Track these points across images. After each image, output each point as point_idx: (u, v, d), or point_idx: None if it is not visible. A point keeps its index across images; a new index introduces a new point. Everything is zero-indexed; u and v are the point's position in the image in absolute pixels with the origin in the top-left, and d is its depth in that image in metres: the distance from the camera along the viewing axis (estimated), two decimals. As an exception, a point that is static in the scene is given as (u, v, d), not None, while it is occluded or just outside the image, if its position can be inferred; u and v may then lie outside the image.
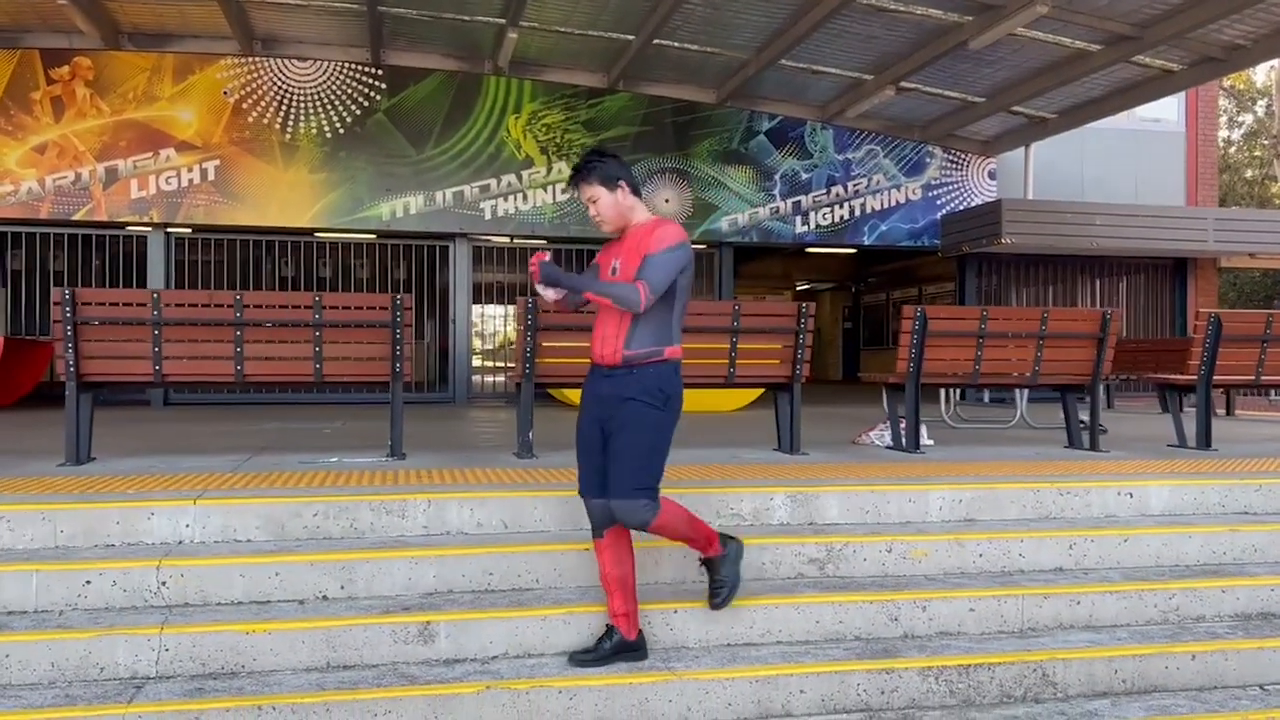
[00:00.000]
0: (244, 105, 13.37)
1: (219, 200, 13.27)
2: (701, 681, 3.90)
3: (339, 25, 12.84)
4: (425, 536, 4.63)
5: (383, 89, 13.72)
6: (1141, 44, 10.76)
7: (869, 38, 11.91)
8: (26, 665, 3.69)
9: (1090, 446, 6.84)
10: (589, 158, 3.83)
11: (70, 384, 5.62)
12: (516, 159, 14.02)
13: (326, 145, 13.55)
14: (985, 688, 4.10)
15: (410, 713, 3.66)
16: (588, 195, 3.83)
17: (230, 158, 13.32)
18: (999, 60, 12.15)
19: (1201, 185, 15.83)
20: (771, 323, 6.37)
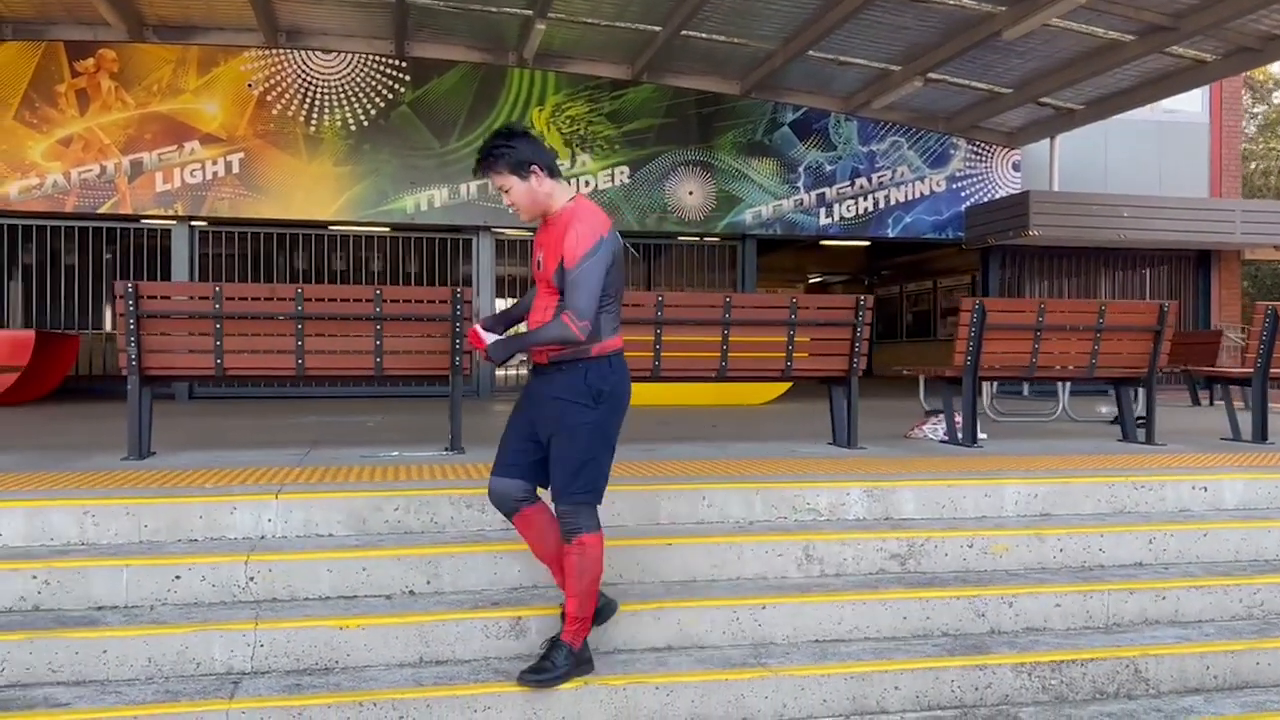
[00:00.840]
0: (268, 98, 13.30)
1: (244, 193, 13.22)
2: (797, 678, 3.87)
3: (364, 16, 12.78)
4: (505, 531, 4.59)
5: (407, 81, 13.66)
6: (1177, 34, 10.72)
7: (899, 28, 11.85)
8: (124, 661, 3.66)
9: (1146, 440, 6.81)
10: (496, 142, 3.46)
11: (133, 378, 5.58)
12: (541, 151, 13.91)
13: (350, 138, 13.49)
14: (1078, 684, 4.08)
15: (510, 708, 3.64)
16: (498, 184, 3.50)
17: (255, 150, 13.26)
18: (1029, 51, 12.10)
19: (1226, 177, 15.78)
20: (829, 315, 6.33)
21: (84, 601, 3.94)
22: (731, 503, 4.83)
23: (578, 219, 3.42)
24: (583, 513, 3.52)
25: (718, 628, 4.13)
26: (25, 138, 12.55)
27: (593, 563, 3.55)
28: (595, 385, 3.47)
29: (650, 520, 4.75)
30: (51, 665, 3.62)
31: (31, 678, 3.60)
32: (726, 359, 6.21)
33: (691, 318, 6.16)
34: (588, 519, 3.53)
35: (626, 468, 5.31)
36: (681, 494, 4.80)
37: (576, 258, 3.34)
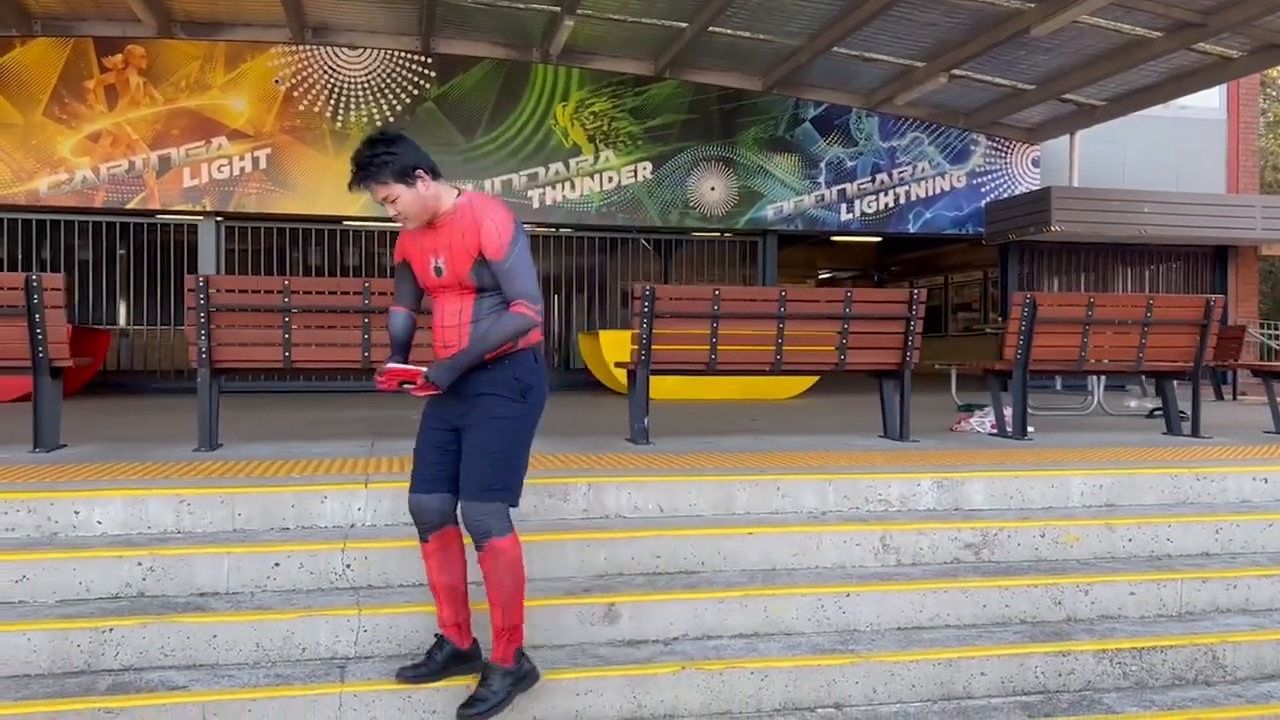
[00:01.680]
0: (295, 94, 13.37)
1: (270, 189, 13.29)
2: (886, 663, 3.95)
3: (391, 13, 12.84)
4: (585, 520, 4.68)
5: (432, 77, 13.72)
6: (1205, 31, 10.80)
7: (927, 24, 11.93)
8: (233, 645, 3.73)
9: (1193, 433, 6.90)
10: (376, 151, 3.21)
11: (203, 370, 5.65)
12: (564, 147, 14.02)
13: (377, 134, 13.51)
14: (1157, 670, 4.16)
15: (610, 692, 3.72)
16: (382, 195, 3.25)
17: (281, 146, 13.32)
18: (1055, 47, 12.18)
19: (1243, 173, 15.88)
20: (883, 309, 6.41)
21: (187, 588, 4.01)
22: (805, 493, 4.91)
23: (485, 211, 3.28)
24: (495, 514, 3.32)
25: (803, 615, 4.21)
26: (55, 133, 12.60)
27: (510, 567, 3.36)
28: (524, 380, 3.34)
29: (726, 510, 4.83)
30: (164, 649, 3.69)
31: (145, 661, 3.68)
32: (781, 352, 6.29)
33: (748, 311, 6.24)
34: (499, 521, 3.33)
35: (695, 460, 5.38)
36: (756, 485, 4.88)
37: (504, 246, 3.24)
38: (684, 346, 6.24)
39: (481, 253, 3.25)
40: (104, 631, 3.65)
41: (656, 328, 6.13)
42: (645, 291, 6.07)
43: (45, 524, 4.23)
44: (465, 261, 3.28)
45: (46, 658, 3.61)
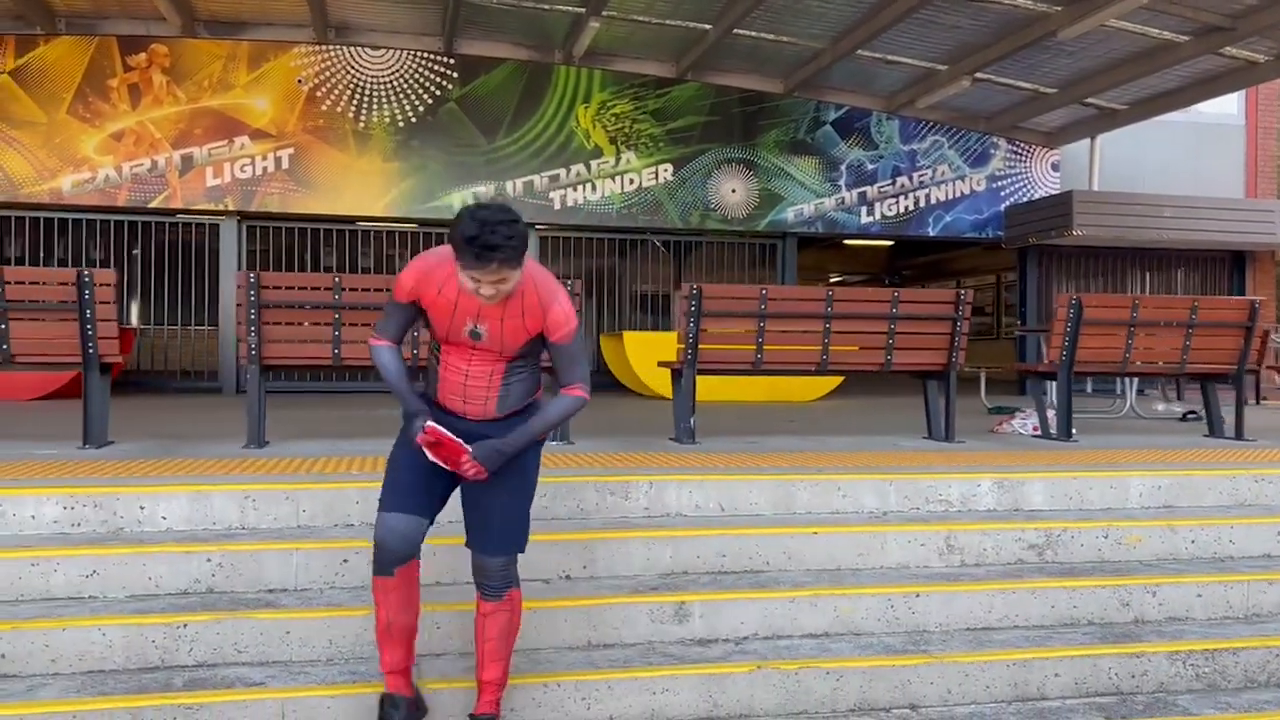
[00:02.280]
0: (317, 94, 13.34)
1: (293, 188, 13.26)
2: (960, 664, 3.93)
3: (415, 13, 12.82)
4: (647, 518, 4.66)
5: (454, 78, 13.70)
6: (1233, 35, 10.79)
7: (952, 27, 11.91)
8: (306, 642, 3.72)
9: (1236, 435, 6.88)
10: (512, 233, 2.84)
11: (253, 367, 5.63)
12: (586, 149, 14.01)
13: (399, 134, 13.53)
14: (1229, 672, 4.14)
15: (686, 690, 3.70)
16: (499, 277, 2.90)
17: (304, 146, 13.30)
18: (1080, 51, 12.16)
19: (1262, 178, 15.86)
20: (930, 309, 6.39)
21: (255, 584, 3.99)
22: (865, 493, 4.89)
23: (551, 293, 3.10)
24: (515, 564, 3.30)
25: (873, 615, 4.19)
26: (78, 132, 12.59)
27: (520, 620, 3.36)
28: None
29: (787, 510, 4.81)
30: (238, 645, 3.67)
31: (219, 658, 3.65)
32: (828, 352, 6.27)
33: (795, 311, 6.22)
34: (516, 571, 3.31)
35: (748, 459, 5.36)
36: (816, 484, 4.86)
37: (571, 332, 3.12)
38: (730, 346, 6.22)
39: (544, 334, 3.12)
40: (179, 627, 3.63)
41: (703, 326, 6.11)
42: (692, 291, 6.05)
43: (111, 519, 4.20)
44: (520, 337, 3.11)
45: (121, 653, 3.59)
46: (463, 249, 2.85)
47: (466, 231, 2.82)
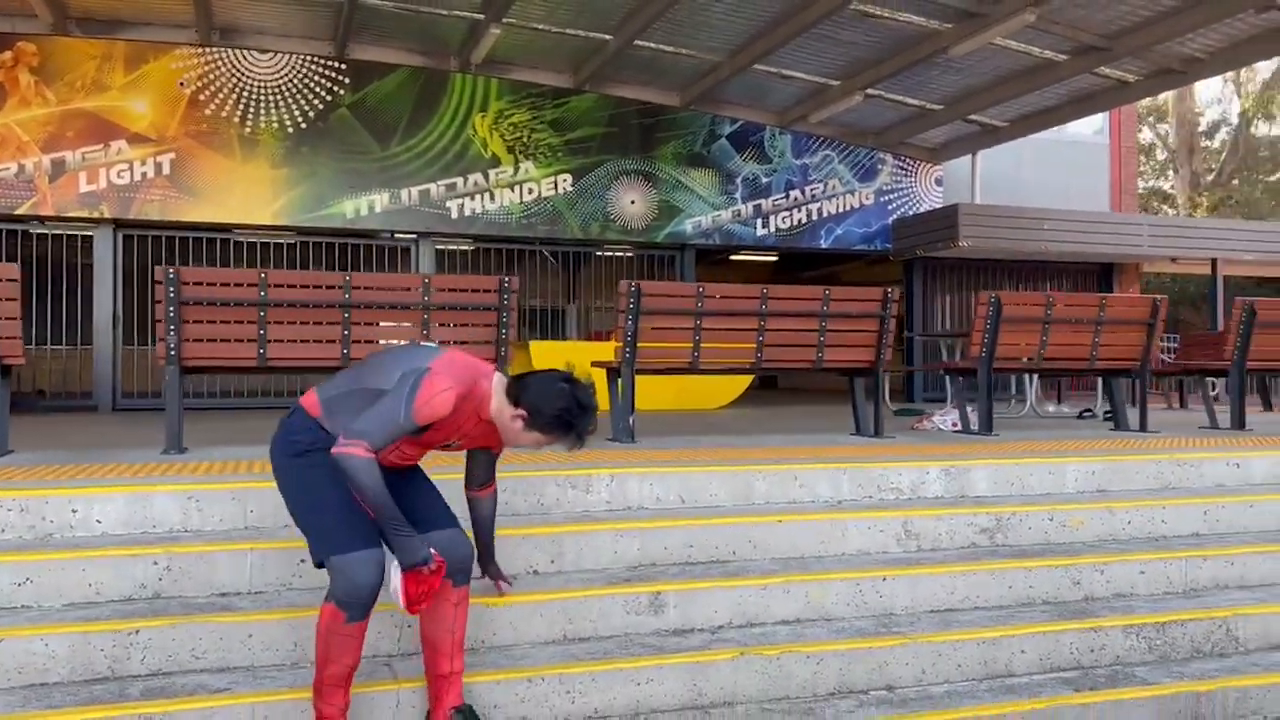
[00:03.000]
0: (201, 97, 12.80)
1: (175, 195, 12.67)
2: (933, 644, 3.96)
3: (305, 16, 12.45)
4: (608, 511, 4.57)
5: (346, 84, 13.35)
6: (1109, 55, 11.37)
7: (848, 43, 12.22)
8: (270, 645, 3.51)
9: (1140, 428, 7.19)
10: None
11: (171, 368, 5.31)
12: (483, 157, 13.83)
13: (288, 140, 13.09)
14: (1179, 644, 4.29)
15: (670, 680, 3.63)
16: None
17: (187, 151, 12.73)
18: (966, 68, 12.63)
19: (1125, 194, 16.78)
20: (858, 307, 6.49)
21: (207, 587, 3.74)
22: (820, 482, 4.91)
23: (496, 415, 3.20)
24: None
25: (842, 600, 4.20)
26: (-62, 132, 11.76)
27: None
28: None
29: (745, 500, 4.79)
30: (195, 652, 3.43)
31: (175, 665, 3.41)
32: (762, 350, 6.29)
33: (731, 309, 6.23)
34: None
35: (708, 453, 5.33)
36: (774, 475, 4.85)
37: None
38: (668, 344, 6.19)
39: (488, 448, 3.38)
40: (130, 634, 3.37)
41: (644, 324, 6.06)
42: (631, 289, 6.00)
43: (40, 524, 3.88)
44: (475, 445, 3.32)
45: (66, 664, 3.31)
46: (564, 429, 3.05)
47: (570, 415, 3.03)
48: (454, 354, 3.15)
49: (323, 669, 3.04)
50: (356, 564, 2.97)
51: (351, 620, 2.98)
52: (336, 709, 3.08)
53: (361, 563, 2.98)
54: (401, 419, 2.94)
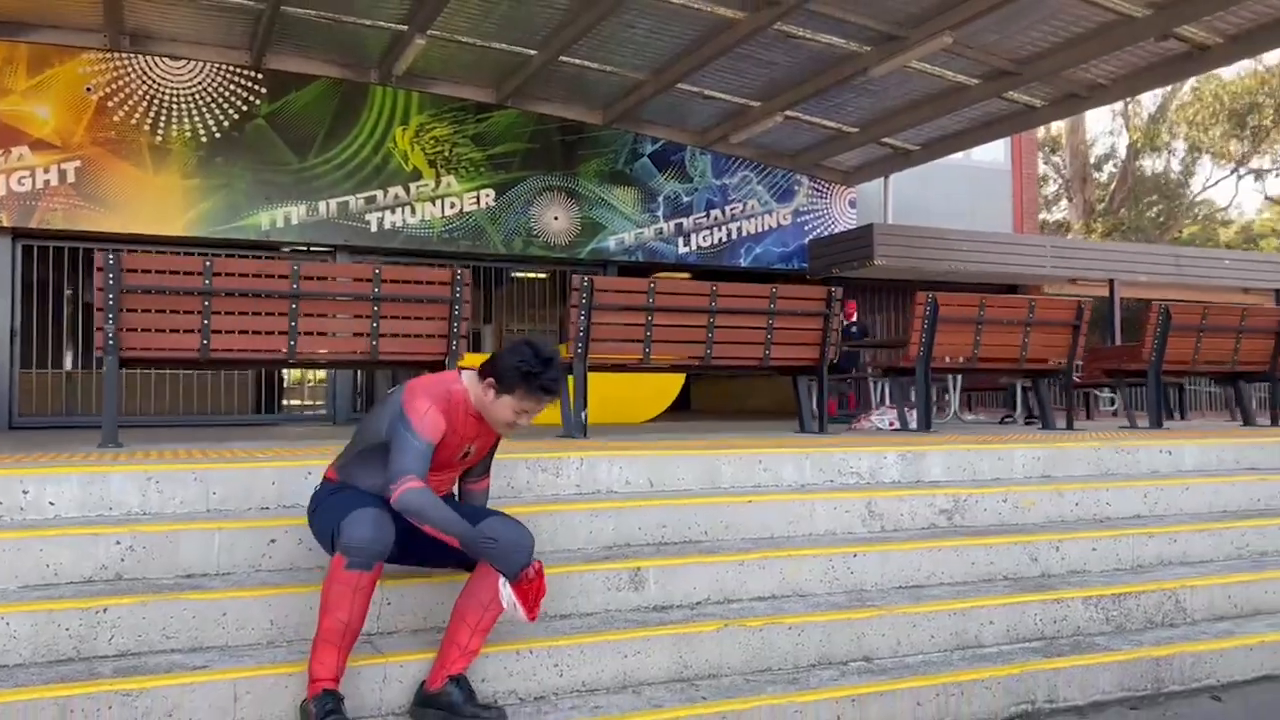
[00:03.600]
0: (109, 104, 12.37)
1: (79, 204, 12.19)
2: (907, 616, 4.03)
3: (222, 23, 12.17)
4: (578, 494, 4.53)
5: (263, 94, 13.06)
6: (1019, 79, 11.84)
7: (769, 63, 12.46)
8: (244, 624, 3.37)
9: (1067, 426, 7.44)
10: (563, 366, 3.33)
11: (110, 358, 5.09)
12: (404, 171, 13.66)
13: (201, 150, 12.73)
14: (1133, 614, 4.44)
15: (659, 652, 3.62)
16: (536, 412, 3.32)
17: (93, 159, 12.27)
18: (882, 91, 13.00)
19: (1026, 217, 17.45)
20: (804, 305, 6.59)
21: (172, 569, 3.58)
22: (784, 466, 4.96)
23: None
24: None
25: (815, 576, 4.24)
26: None
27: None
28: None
29: (712, 484, 4.80)
30: (166, 631, 3.28)
31: (144, 645, 3.25)
32: (712, 347, 6.33)
33: (681, 305, 6.27)
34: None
35: (675, 442, 5.33)
36: (740, 458, 4.88)
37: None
38: (619, 340, 6.19)
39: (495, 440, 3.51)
40: (97, 613, 3.20)
41: (595, 318, 6.05)
42: (584, 283, 5.99)
43: (-13, 505, 3.66)
44: (489, 445, 3.50)
45: (28, 645, 3.13)
46: (529, 383, 3.17)
47: (530, 366, 3.16)
48: (415, 381, 3.31)
49: (320, 621, 3.02)
50: (355, 519, 3.06)
51: (351, 567, 3.00)
52: (328, 670, 3.00)
53: (359, 517, 3.06)
54: (417, 442, 3.13)
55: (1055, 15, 10.50)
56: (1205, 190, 29.69)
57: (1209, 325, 7.74)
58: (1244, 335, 7.86)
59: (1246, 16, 10.03)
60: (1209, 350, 7.82)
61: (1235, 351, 7.87)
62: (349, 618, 3.00)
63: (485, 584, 3.17)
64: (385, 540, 3.06)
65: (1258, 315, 7.93)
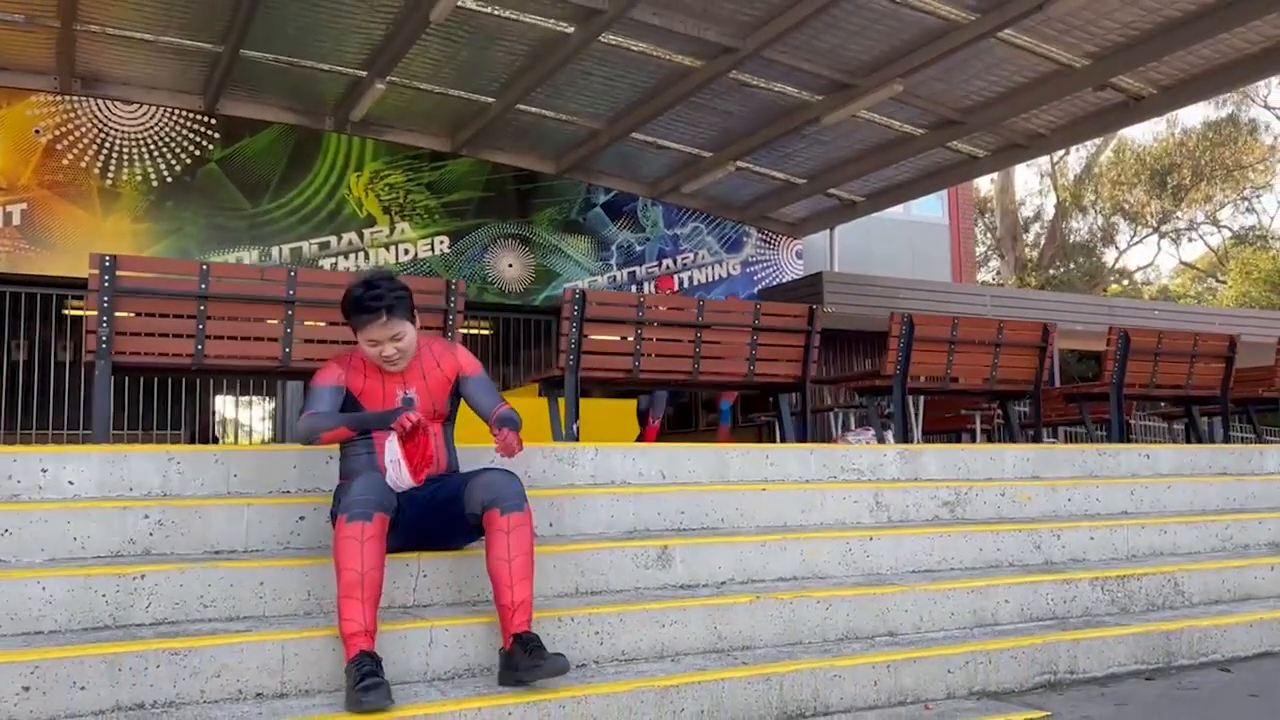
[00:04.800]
0: (58, 146, 12.20)
1: (25, 247, 11.93)
2: (928, 593, 4.09)
3: (176, 67, 12.12)
4: (594, 484, 4.53)
5: (216, 139, 13.00)
6: (964, 129, 12.31)
7: (723, 113, 12.78)
8: (282, 594, 3.32)
9: (1035, 440, 7.64)
10: (393, 286, 3.41)
11: (103, 363, 4.98)
12: (358, 217, 13.65)
13: (153, 194, 12.59)
14: (1136, 596, 4.56)
15: (694, 623, 3.63)
16: (394, 333, 3.36)
17: (40, 201, 12.04)
18: (831, 141, 13.39)
19: (965, 267, 17.99)
20: (786, 322, 6.72)
21: (201, 544, 3.50)
22: (789, 461, 5.02)
23: (445, 341, 3.72)
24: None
25: (834, 559, 4.29)
26: None
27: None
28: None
29: (721, 477, 4.85)
30: (204, 599, 3.21)
31: (182, 614, 3.17)
32: (700, 362, 6.41)
33: (669, 319, 6.35)
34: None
35: (687, 443, 5.37)
36: (747, 453, 4.95)
37: (479, 365, 3.66)
38: (609, 353, 6.24)
39: (460, 375, 3.58)
40: (134, 579, 3.12)
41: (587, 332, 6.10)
42: (575, 295, 6.05)
43: (4, 483, 3.54)
44: (444, 388, 3.56)
45: (64, 611, 3.03)
46: (354, 309, 3.34)
47: (353, 294, 3.36)
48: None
49: (337, 581, 3.02)
50: (347, 486, 3.22)
51: (352, 519, 3.03)
52: (355, 624, 2.96)
53: (351, 484, 3.18)
54: (313, 389, 3.42)
55: (1000, 65, 10.98)
56: (1130, 247, 30.99)
57: (1165, 350, 8.04)
58: (1197, 360, 8.18)
59: (1179, 68, 10.63)
60: (1165, 374, 8.11)
61: (1189, 376, 8.18)
62: (361, 567, 2.99)
63: (495, 538, 3.18)
64: (379, 492, 3.12)
65: (1209, 340, 8.27)
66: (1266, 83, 27.93)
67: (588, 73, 11.94)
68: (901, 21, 10.15)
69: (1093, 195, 28.49)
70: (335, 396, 3.41)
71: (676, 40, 10.87)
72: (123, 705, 2.75)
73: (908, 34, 10.40)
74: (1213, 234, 30.94)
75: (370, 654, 2.93)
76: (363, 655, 2.91)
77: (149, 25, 10.95)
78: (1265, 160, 27.88)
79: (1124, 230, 30.08)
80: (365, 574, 2.98)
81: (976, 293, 16.21)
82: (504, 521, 3.16)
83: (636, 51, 11.26)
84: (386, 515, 3.10)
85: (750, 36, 10.57)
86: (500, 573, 3.14)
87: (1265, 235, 29.50)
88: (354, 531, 3.00)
